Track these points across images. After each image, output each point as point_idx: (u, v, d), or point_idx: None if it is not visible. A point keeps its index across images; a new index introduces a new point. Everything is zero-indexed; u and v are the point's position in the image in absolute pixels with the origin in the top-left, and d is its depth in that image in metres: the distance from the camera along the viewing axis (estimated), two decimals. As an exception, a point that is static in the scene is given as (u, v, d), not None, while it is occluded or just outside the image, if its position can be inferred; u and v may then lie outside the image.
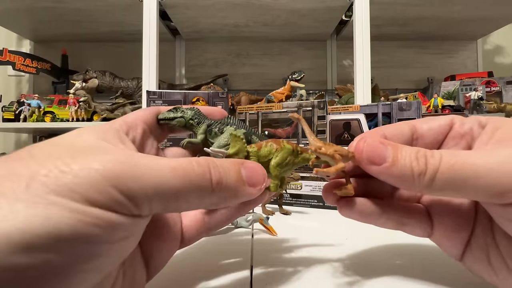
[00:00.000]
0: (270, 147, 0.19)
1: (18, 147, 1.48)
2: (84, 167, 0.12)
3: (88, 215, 0.11)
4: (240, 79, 1.45)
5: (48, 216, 0.10)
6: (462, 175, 0.15)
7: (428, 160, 0.16)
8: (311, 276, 0.22)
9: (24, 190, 0.10)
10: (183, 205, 0.14)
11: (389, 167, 0.16)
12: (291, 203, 0.48)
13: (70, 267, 0.11)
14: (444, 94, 1.20)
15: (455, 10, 1.14)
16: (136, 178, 0.12)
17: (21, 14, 1.16)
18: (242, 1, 1.05)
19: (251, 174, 0.16)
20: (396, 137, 0.19)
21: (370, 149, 0.17)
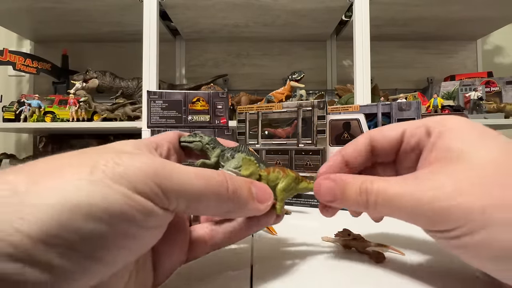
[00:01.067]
0: (277, 173, 0.21)
1: (19, 147, 1.48)
2: (131, 163, 0.14)
3: (133, 200, 0.14)
4: (240, 79, 1.45)
5: (105, 196, 0.13)
6: (393, 206, 0.18)
7: (368, 194, 0.18)
8: (311, 275, 0.22)
9: (88, 174, 0.13)
10: (202, 207, 0.17)
11: (341, 203, 0.20)
12: (292, 202, 0.48)
13: (114, 240, 0.13)
14: (443, 94, 1.20)
15: (455, 10, 1.14)
16: (169, 177, 0.15)
17: (21, 14, 1.16)
18: (242, 1, 1.05)
19: (259, 192, 0.19)
20: (354, 157, 0.22)
21: (324, 192, 0.20)
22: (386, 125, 0.22)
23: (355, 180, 0.19)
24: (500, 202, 0.15)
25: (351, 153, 0.22)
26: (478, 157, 0.17)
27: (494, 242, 0.15)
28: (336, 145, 0.46)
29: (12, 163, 1.17)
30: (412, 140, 0.20)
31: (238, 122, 0.54)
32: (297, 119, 0.48)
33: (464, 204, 0.15)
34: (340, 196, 0.20)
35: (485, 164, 0.16)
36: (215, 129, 0.52)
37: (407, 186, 0.17)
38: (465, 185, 0.16)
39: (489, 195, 0.15)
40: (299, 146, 0.48)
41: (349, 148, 0.22)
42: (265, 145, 0.51)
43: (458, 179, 0.16)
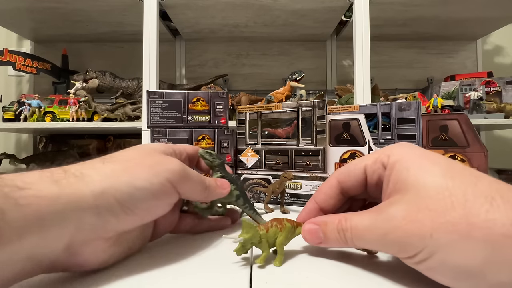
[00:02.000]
0: (275, 228, 0.24)
1: (18, 147, 1.48)
2: (169, 165, 0.25)
3: (166, 186, 0.24)
4: (240, 79, 1.45)
5: (152, 181, 0.23)
6: (365, 240, 0.20)
7: (345, 232, 0.21)
8: (311, 275, 0.22)
9: (148, 170, 0.23)
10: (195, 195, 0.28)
11: (325, 242, 0.23)
12: (291, 202, 0.48)
13: (156, 207, 0.24)
14: (443, 94, 1.20)
15: (455, 10, 1.14)
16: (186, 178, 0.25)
17: (21, 14, 1.16)
18: (242, 1, 1.05)
19: (221, 183, 0.30)
20: (326, 201, 0.25)
21: (310, 238, 0.24)
22: (349, 164, 0.25)
23: (332, 219, 0.23)
24: (444, 225, 0.16)
25: (323, 199, 0.25)
26: (423, 185, 0.18)
27: (449, 263, 0.16)
28: (336, 145, 0.46)
29: (12, 163, 1.17)
30: (374, 176, 0.22)
31: (238, 122, 0.54)
32: (297, 119, 0.48)
33: (412, 230, 0.17)
34: (324, 238, 0.23)
35: (429, 191, 0.18)
36: (215, 129, 0.52)
37: (372, 220, 0.20)
38: (413, 213, 0.18)
39: (433, 219, 0.17)
40: (299, 146, 0.48)
41: (321, 194, 0.26)
42: (265, 145, 0.51)
43: (407, 209, 0.18)
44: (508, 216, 0.15)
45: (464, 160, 0.46)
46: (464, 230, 0.16)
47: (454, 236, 0.16)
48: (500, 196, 0.16)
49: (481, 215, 0.16)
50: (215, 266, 0.24)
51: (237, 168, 0.53)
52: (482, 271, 0.15)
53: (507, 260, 0.15)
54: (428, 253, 0.17)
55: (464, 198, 0.17)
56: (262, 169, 0.51)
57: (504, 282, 0.15)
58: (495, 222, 0.15)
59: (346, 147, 0.45)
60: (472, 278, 0.16)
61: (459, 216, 0.16)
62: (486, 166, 0.45)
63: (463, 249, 0.16)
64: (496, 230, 0.15)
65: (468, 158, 0.46)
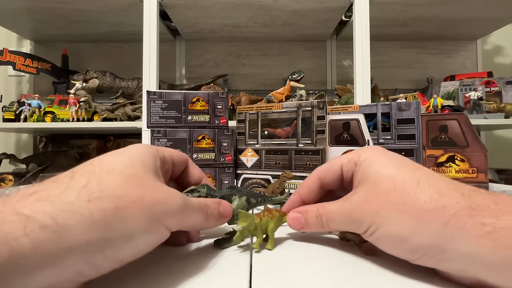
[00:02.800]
0: (267, 217, 0.28)
1: (18, 147, 1.48)
2: (166, 207, 0.21)
3: (163, 233, 0.21)
4: (240, 79, 1.45)
5: (150, 229, 0.20)
6: (335, 221, 0.25)
7: (321, 217, 0.26)
8: (310, 274, 0.22)
9: (146, 214, 0.20)
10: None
11: (306, 227, 0.27)
12: (291, 202, 0.48)
13: (145, 251, 0.20)
14: (443, 94, 1.20)
15: (455, 10, 1.14)
16: (185, 215, 0.23)
17: (21, 14, 1.16)
18: (242, 1, 1.05)
19: (224, 209, 0.27)
20: (308, 194, 0.29)
21: (294, 223, 0.28)
22: (328, 162, 0.29)
23: (312, 208, 0.27)
24: (387, 204, 0.21)
25: (305, 193, 0.29)
26: (379, 176, 0.23)
27: (389, 233, 0.21)
28: (336, 145, 0.46)
29: (12, 163, 1.17)
30: (349, 173, 0.26)
31: (238, 122, 0.54)
32: (296, 119, 0.48)
33: (366, 209, 0.22)
34: (305, 224, 0.27)
35: (381, 180, 0.23)
36: (215, 129, 0.52)
37: (340, 206, 0.25)
38: (368, 197, 0.23)
39: (381, 200, 0.22)
40: (298, 146, 0.48)
41: (303, 188, 0.30)
42: (265, 145, 0.51)
43: (365, 194, 0.23)
44: (429, 196, 0.20)
45: (464, 160, 0.46)
46: (399, 208, 0.21)
47: (393, 212, 0.21)
48: (427, 182, 0.21)
49: (411, 195, 0.21)
50: (215, 266, 0.24)
51: (237, 168, 0.53)
52: (409, 237, 0.20)
53: (425, 228, 0.19)
54: (376, 226, 0.22)
55: (403, 183, 0.22)
56: (262, 169, 0.51)
57: (423, 244, 0.20)
58: (419, 200, 0.20)
59: (346, 147, 0.45)
60: (402, 243, 0.21)
61: (398, 196, 0.21)
62: (486, 166, 0.45)
63: (398, 221, 0.21)
64: (420, 206, 0.20)
65: (467, 158, 0.46)
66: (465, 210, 0.19)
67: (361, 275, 0.22)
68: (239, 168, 0.53)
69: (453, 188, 0.20)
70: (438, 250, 0.19)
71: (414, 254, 0.20)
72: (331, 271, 0.23)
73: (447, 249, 0.19)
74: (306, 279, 0.21)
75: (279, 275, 0.22)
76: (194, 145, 0.51)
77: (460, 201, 0.19)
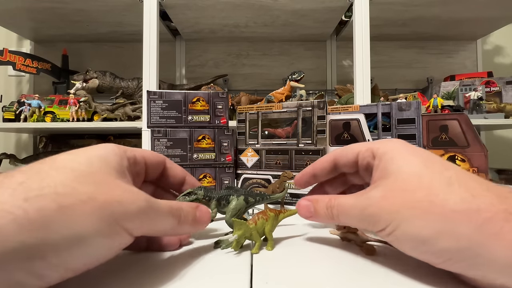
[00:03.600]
0: (262, 220, 0.28)
1: (19, 147, 1.48)
2: (124, 207, 0.19)
3: (123, 236, 0.19)
4: (240, 79, 1.45)
5: (103, 231, 0.18)
6: (347, 215, 0.24)
7: (332, 209, 0.25)
8: (311, 274, 0.22)
9: (98, 213, 0.18)
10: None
11: (314, 217, 0.26)
12: (291, 202, 0.48)
13: (101, 259, 0.19)
14: (443, 94, 1.20)
15: (455, 10, 1.14)
16: (150, 218, 0.21)
17: (21, 14, 1.16)
18: (242, 1, 1.05)
19: (202, 214, 0.26)
20: (321, 169, 0.29)
21: (303, 211, 0.27)
22: (348, 146, 0.28)
23: (323, 198, 0.26)
24: (409, 203, 0.20)
25: (319, 167, 0.29)
26: (402, 172, 0.22)
27: (409, 233, 0.20)
28: (336, 145, 0.46)
29: (12, 163, 1.17)
30: (364, 161, 0.26)
31: (238, 122, 0.54)
32: (297, 119, 0.48)
33: (385, 206, 0.21)
34: (314, 213, 0.26)
35: (405, 177, 0.21)
36: (215, 129, 0.52)
37: (355, 200, 0.23)
38: (388, 194, 0.21)
39: (403, 198, 0.20)
40: (299, 146, 0.48)
41: (318, 163, 0.29)
42: (265, 145, 0.51)
43: (384, 190, 0.22)
44: (461, 197, 0.19)
45: (464, 160, 0.46)
46: (424, 207, 0.19)
47: (416, 212, 0.19)
48: (458, 182, 0.20)
49: (440, 195, 0.19)
50: (215, 267, 0.24)
51: (237, 168, 0.53)
52: (433, 239, 0.19)
53: (453, 230, 0.18)
54: (395, 226, 0.20)
55: (430, 182, 0.20)
56: (262, 169, 0.51)
57: (450, 247, 0.18)
58: (449, 201, 0.19)
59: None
60: (425, 245, 0.19)
61: (422, 195, 0.20)
62: (486, 166, 0.45)
63: (421, 221, 0.19)
64: (448, 207, 0.19)
65: (468, 158, 0.46)
66: (501, 214, 0.17)
67: (361, 275, 0.22)
68: (239, 168, 0.53)
69: (487, 189, 0.19)
70: (467, 255, 0.18)
71: (438, 257, 0.19)
72: (332, 271, 0.23)
73: (479, 255, 0.17)
74: (307, 280, 0.21)
75: (280, 276, 0.22)
76: (194, 145, 0.51)
77: (495, 204, 0.18)
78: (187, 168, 0.51)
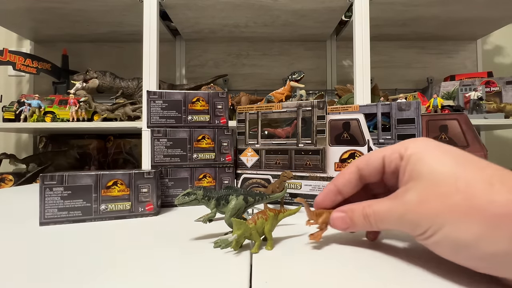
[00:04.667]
0: (262, 219, 0.28)
1: (18, 147, 1.48)
2: None
3: None
4: (240, 79, 1.45)
5: None
6: (386, 222, 0.23)
7: (369, 217, 0.24)
8: (310, 273, 0.22)
9: None
10: None
11: (352, 227, 0.26)
12: (291, 202, 0.48)
13: None
14: (443, 94, 1.20)
15: (455, 10, 1.14)
16: None
17: (21, 14, 1.16)
18: (242, 1, 1.05)
19: None
20: (345, 185, 0.28)
21: (338, 224, 0.27)
22: (368, 154, 0.27)
23: (357, 207, 0.26)
24: (448, 207, 0.19)
25: (343, 183, 0.28)
26: (434, 173, 0.21)
27: (450, 237, 0.19)
28: (336, 145, 0.46)
29: (12, 163, 1.17)
30: (392, 165, 0.25)
31: (238, 122, 0.54)
32: (297, 119, 0.48)
33: (423, 211, 0.21)
34: (351, 223, 0.26)
35: (439, 178, 0.21)
36: (215, 129, 0.52)
37: (391, 205, 0.23)
38: (425, 198, 0.21)
39: (441, 202, 0.20)
40: (298, 146, 0.48)
41: (340, 179, 0.28)
42: (265, 145, 0.51)
43: (420, 194, 0.21)
44: (505, 198, 0.18)
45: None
46: (464, 211, 0.19)
47: (456, 215, 0.19)
48: (501, 182, 0.19)
49: (482, 198, 0.18)
50: (215, 267, 0.24)
51: (237, 168, 0.53)
52: (478, 243, 0.18)
53: (498, 234, 0.18)
54: (434, 230, 0.20)
55: (468, 184, 0.19)
56: (262, 169, 0.51)
57: (496, 251, 0.18)
58: (492, 204, 0.18)
59: (346, 147, 0.45)
60: (467, 250, 0.19)
61: (462, 199, 0.19)
62: (486, 166, 0.45)
63: (462, 226, 0.19)
64: (492, 210, 0.18)
65: (468, 158, 0.46)
66: None
67: (362, 273, 0.22)
68: (239, 168, 0.53)
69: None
70: None
71: (482, 261, 0.19)
72: (332, 271, 0.23)
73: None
74: (306, 279, 0.21)
75: (280, 275, 0.22)
76: (194, 145, 0.51)
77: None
78: (187, 168, 0.51)
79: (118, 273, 0.23)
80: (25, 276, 0.23)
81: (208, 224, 0.35)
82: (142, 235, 0.33)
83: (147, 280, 0.21)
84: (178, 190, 0.50)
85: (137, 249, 0.28)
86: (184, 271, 0.23)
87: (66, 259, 0.26)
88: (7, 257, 0.27)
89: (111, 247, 0.29)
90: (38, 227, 0.37)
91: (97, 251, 0.28)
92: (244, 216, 0.34)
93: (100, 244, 0.30)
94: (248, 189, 0.51)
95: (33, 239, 0.32)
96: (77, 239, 0.32)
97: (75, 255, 0.27)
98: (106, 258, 0.26)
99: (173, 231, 0.35)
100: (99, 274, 0.23)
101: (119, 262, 0.25)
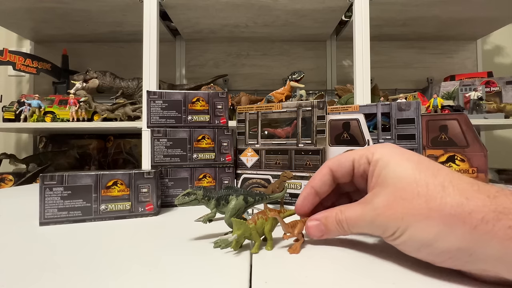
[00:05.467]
0: (262, 219, 0.28)
1: (19, 147, 1.48)
2: None
3: None
4: (240, 79, 1.45)
5: None
6: (359, 227, 0.25)
7: (342, 223, 0.26)
8: (310, 273, 0.22)
9: None
10: None
11: (327, 234, 0.27)
12: (291, 202, 0.48)
13: None
14: (443, 94, 1.20)
15: (455, 10, 1.14)
16: None
17: (21, 14, 1.16)
18: (242, 1, 1.05)
19: None
20: (321, 186, 0.29)
21: (313, 232, 0.28)
22: (338, 156, 0.29)
23: (330, 213, 0.27)
24: (411, 210, 0.21)
25: (319, 185, 0.29)
26: (399, 179, 0.23)
27: (413, 237, 0.21)
28: (336, 145, 0.46)
29: (12, 163, 1.17)
30: (360, 168, 0.27)
31: (238, 122, 0.54)
32: (296, 119, 0.48)
33: (390, 215, 0.22)
34: (326, 230, 0.27)
35: (402, 184, 0.23)
36: (215, 129, 0.52)
37: (361, 211, 0.25)
38: (391, 202, 0.23)
39: (405, 206, 0.22)
40: (298, 146, 0.48)
41: (316, 180, 0.29)
42: (265, 145, 0.51)
43: (387, 198, 0.23)
44: (456, 200, 0.20)
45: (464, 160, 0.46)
46: (424, 213, 0.21)
47: (418, 218, 0.21)
48: (452, 185, 0.21)
49: (437, 200, 0.21)
50: (215, 266, 0.24)
51: (237, 168, 0.53)
52: (435, 242, 0.20)
53: (452, 233, 0.20)
54: (400, 232, 0.22)
55: (427, 188, 0.22)
56: (262, 169, 0.51)
57: (450, 248, 0.20)
58: (446, 205, 0.20)
59: (346, 147, 0.45)
60: (428, 248, 0.21)
61: (422, 202, 0.21)
62: (485, 166, 0.45)
63: (423, 226, 0.21)
64: (446, 211, 0.20)
65: (468, 158, 0.46)
66: (492, 214, 0.19)
67: (361, 274, 0.22)
68: (239, 168, 0.53)
69: (478, 190, 0.20)
70: (464, 253, 0.20)
71: (439, 257, 0.21)
72: (331, 271, 0.23)
73: (474, 253, 0.19)
74: (306, 279, 0.21)
75: (279, 275, 0.22)
76: (194, 145, 0.51)
77: (487, 204, 0.19)
78: (187, 168, 0.51)
79: (118, 273, 0.23)
80: (25, 276, 0.23)
81: (208, 224, 0.35)
82: (142, 235, 0.33)
83: (147, 280, 0.21)
84: (178, 190, 0.50)
85: (137, 249, 0.28)
86: (184, 271, 0.23)
87: (66, 259, 0.26)
88: (7, 257, 0.27)
89: (111, 247, 0.29)
90: (38, 227, 0.37)
91: (97, 251, 0.28)
92: (244, 216, 0.34)
93: (100, 244, 0.30)
94: (248, 189, 0.51)
95: (33, 239, 0.32)
96: (77, 239, 0.32)
97: (75, 255, 0.27)
98: (106, 258, 0.26)
99: (173, 231, 0.35)
100: (99, 274, 0.23)
101: (119, 262, 0.25)
